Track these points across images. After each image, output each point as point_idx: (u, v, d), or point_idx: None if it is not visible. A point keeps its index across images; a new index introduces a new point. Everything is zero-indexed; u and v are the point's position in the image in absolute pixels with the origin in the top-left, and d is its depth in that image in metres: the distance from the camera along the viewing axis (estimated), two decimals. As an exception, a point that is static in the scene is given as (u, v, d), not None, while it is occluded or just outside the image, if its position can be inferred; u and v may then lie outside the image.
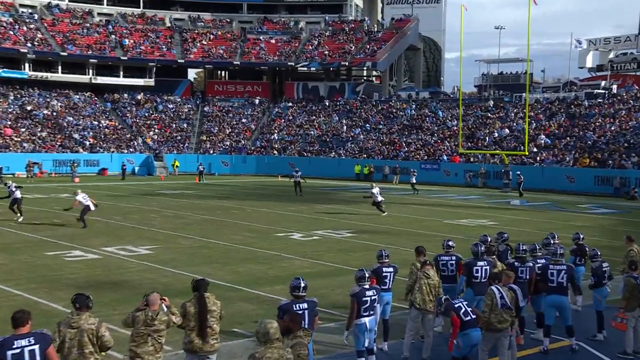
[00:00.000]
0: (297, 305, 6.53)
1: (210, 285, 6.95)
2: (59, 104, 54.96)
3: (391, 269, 8.71)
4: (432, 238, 18.39)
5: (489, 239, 10.27)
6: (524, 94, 48.82)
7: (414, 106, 56.28)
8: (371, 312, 7.48)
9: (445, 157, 45.23)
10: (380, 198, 23.51)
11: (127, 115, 57.10)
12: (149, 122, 56.96)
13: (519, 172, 36.02)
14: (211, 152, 54.02)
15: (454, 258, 9.36)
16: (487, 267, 8.95)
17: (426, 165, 44.94)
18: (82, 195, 19.79)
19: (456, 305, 7.22)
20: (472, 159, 44.42)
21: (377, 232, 19.89)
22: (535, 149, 42.22)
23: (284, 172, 49.11)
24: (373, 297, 7.47)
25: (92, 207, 19.50)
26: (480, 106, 51.85)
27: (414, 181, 35.95)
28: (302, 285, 6.61)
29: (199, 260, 14.60)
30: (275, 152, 53.68)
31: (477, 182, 41.57)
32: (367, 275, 7.54)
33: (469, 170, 42.52)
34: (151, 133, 55.27)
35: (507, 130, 46.28)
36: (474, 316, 7.19)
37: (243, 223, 21.15)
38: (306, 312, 6.51)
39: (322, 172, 48.20)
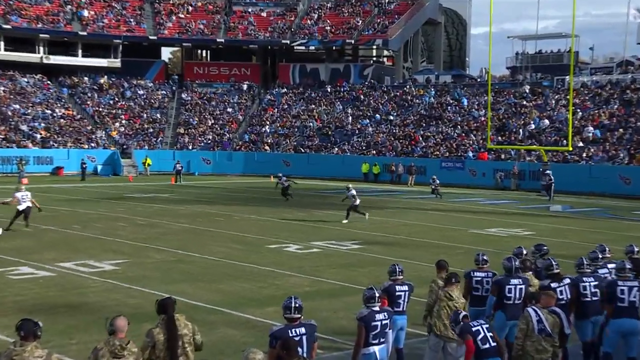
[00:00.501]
0: (293, 330, 6.55)
1: (190, 308, 6.93)
2: (2, 88, 54.84)
3: (406, 288, 8.75)
4: (455, 251, 18.33)
5: (525, 252, 10.25)
6: (567, 77, 48.76)
7: (433, 92, 56.32)
8: (382, 340, 7.50)
9: (470, 154, 45.27)
10: (358, 201, 23.67)
11: (88, 103, 57.19)
12: (114, 111, 57.05)
13: (548, 171, 35.97)
14: (190, 147, 54.11)
15: (490, 275, 9.36)
16: (522, 286, 8.92)
17: (448, 163, 44.95)
18: (23, 193, 19.89)
19: (474, 329, 7.15)
20: (503, 156, 44.43)
21: (389, 243, 19.86)
22: (581, 144, 42.22)
23: (277, 172, 49.06)
24: (384, 322, 7.49)
25: (27, 209, 19.70)
26: (513, 92, 51.91)
27: (437, 186, 35.44)
28: (295, 305, 6.65)
29: (176, 277, 14.57)
30: (267, 147, 53.76)
31: (510, 184, 41.56)
32: (377, 295, 7.55)
33: (500, 169, 42.55)
34: (117, 125, 55.35)
35: (546, 121, 46.31)
36: (493, 344, 7.11)
37: (229, 232, 21.13)
38: (304, 337, 6.53)
39: (323, 172, 48.30)
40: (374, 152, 49.72)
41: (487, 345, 7.08)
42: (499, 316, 8.92)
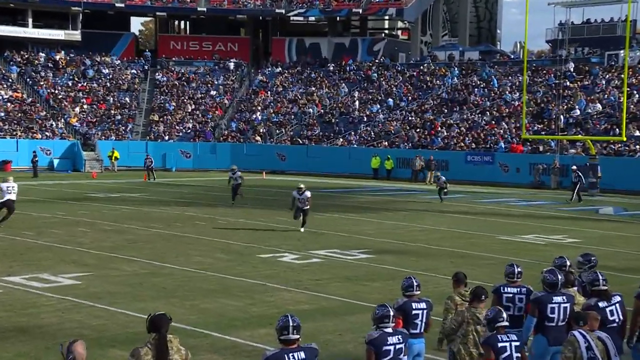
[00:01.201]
0: (290, 355, 6.55)
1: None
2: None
3: (424, 305, 8.78)
4: (482, 261, 18.31)
5: (568, 264, 10.21)
6: (621, 51, 48.72)
7: (456, 72, 56.33)
8: None
9: (502, 145, 45.29)
10: (308, 205, 23.32)
11: (41, 83, 57.25)
12: (73, 94, 57.10)
13: (574, 167, 35.89)
14: (166, 138, 54.17)
15: (523, 290, 9.31)
16: (567, 305, 8.86)
17: (474, 157, 44.99)
18: (8, 184, 19.84)
19: (500, 344, 7.16)
20: (541, 148, 44.43)
21: (405, 252, 19.84)
22: (637, 133, 42.18)
23: (270, 167, 49.21)
24: (398, 346, 7.47)
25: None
26: (554, 71, 51.89)
27: (443, 183, 33.16)
28: (292, 324, 6.65)
29: (148, 294, 14.55)
30: (259, 138, 53.81)
31: (549, 181, 41.56)
32: (390, 314, 7.54)
33: (537, 163, 42.55)
34: (77, 110, 55.41)
35: (598, 106, 46.28)
36: None
37: (211, 239, 21.08)
38: None
39: (324, 167, 48.41)
40: (386, 143, 49.74)
41: None
42: (539, 341, 8.85)
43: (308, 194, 23.16)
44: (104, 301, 13.83)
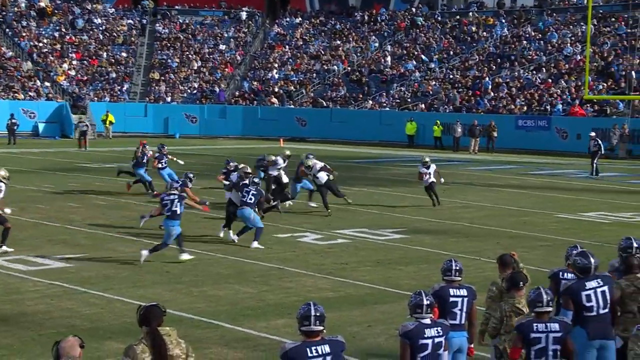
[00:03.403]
0: (313, 348, 6.60)
1: (169, 319, 6.98)
2: None
3: (464, 292, 8.79)
4: (536, 243, 18.27)
5: (636, 245, 10.13)
6: None
7: (505, 22, 55.80)
8: None
9: (560, 108, 44.99)
10: (286, 179, 22.61)
11: (23, 35, 57.39)
12: (61, 47, 57.21)
13: (593, 133, 35.51)
14: (168, 100, 54.25)
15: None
16: (605, 288, 8.74)
17: (527, 121, 44.83)
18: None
19: (534, 335, 7.34)
20: (608, 111, 44.04)
21: (444, 231, 19.82)
22: None
23: (288, 134, 49.09)
24: (437, 340, 7.50)
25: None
26: (625, 18, 51.24)
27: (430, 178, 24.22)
28: (315, 313, 6.69)
29: (150, 278, 14.65)
30: (275, 100, 53.74)
31: (617, 150, 41.28)
32: (424, 302, 7.58)
33: (602, 129, 42.23)
34: (65, 67, 55.55)
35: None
36: None
37: (221, 217, 21.16)
38: (327, 358, 6.61)
39: (351, 134, 48.42)
40: (423, 106, 49.51)
41: None
42: (578, 334, 8.80)
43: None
44: (98, 287, 13.92)
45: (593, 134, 35.46)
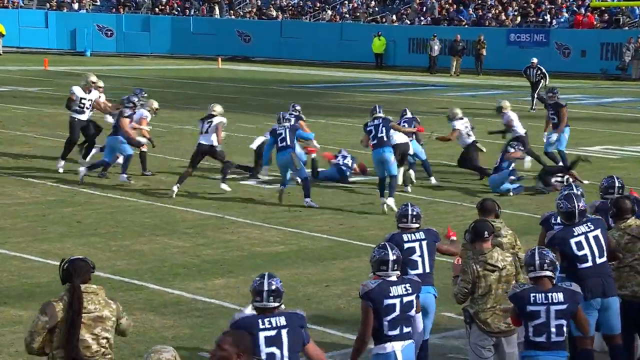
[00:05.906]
0: (267, 320, 6.82)
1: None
2: None
3: (421, 235, 9.15)
4: (525, 183, 18.44)
5: (618, 186, 10.26)
6: None
7: None
8: (405, 330, 7.70)
9: (561, 18, 45.02)
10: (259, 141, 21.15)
11: None
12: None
13: (534, 60, 35.17)
14: (75, 7, 53.46)
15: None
16: (597, 232, 8.99)
17: (521, 35, 44.89)
18: None
19: (530, 308, 7.52)
20: (621, 21, 44.15)
21: (418, 171, 19.67)
22: None
23: (229, 53, 48.85)
24: (407, 299, 7.68)
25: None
26: None
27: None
28: (268, 288, 6.86)
29: (56, 230, 14.76)
30: (216, 11, 53.20)
31: (630, 70, 41.76)
32: (392, 257, 7.72)
33: (612, 43, 42.43)
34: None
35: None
36: (557, 337, 7.49)
37: (154, 156, 20.73)
38: (283, 332, 6.78)
39: (305, 53, 48.49)
40: (394, 18, 49.33)
41: (542, 339, 7.53)
42: None
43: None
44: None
45: (535, 60, 35.06)
